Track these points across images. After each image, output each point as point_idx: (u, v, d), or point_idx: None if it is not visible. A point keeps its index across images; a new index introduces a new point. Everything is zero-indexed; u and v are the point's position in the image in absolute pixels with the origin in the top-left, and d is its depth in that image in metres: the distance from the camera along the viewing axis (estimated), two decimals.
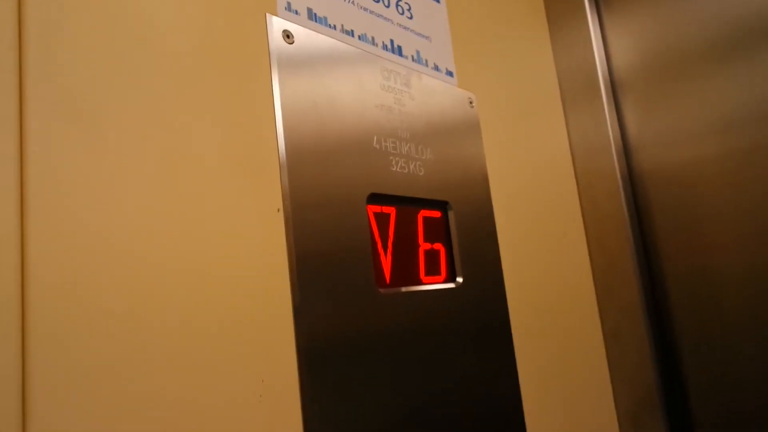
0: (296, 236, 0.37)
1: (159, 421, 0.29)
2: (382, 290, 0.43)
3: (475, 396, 0.48)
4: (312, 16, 0.44)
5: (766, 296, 0.62)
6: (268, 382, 0.34)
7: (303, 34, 0.42)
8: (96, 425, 0.27)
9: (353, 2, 0.48)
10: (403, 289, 0.45)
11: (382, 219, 0.45)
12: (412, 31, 0.54)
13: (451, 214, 0.51)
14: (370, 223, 0.43)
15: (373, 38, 0.49)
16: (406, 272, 0.46)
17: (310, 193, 0.39)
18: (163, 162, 0.32)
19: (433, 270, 0.48)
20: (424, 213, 0.49)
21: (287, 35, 0.41)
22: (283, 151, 0.38)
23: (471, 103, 0.58)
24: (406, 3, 0.54)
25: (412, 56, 0.53)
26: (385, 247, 0.44)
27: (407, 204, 0.47)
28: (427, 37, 0.55)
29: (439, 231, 0.50)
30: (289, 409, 0.35)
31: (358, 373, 0.39)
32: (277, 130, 0.39)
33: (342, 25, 0.46)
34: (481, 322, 0.51)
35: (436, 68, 0.56)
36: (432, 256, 0.48)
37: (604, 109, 0.75)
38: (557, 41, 0.80)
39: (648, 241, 0.73)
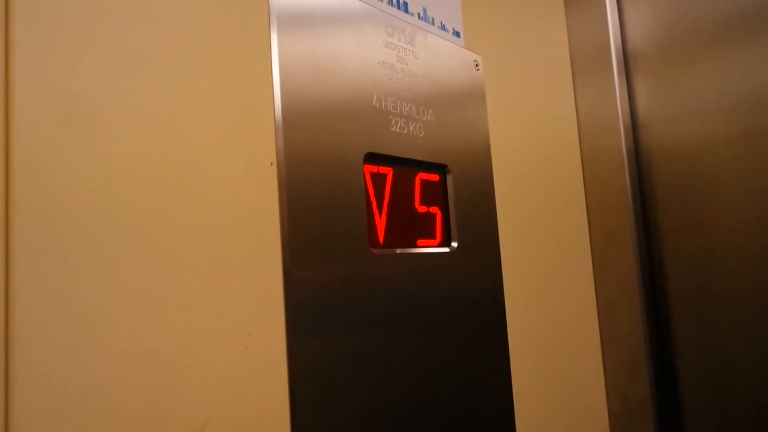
0: (288, 190, 0.37)
1: (142, 367, 0.29)
2: (375, 251, 0.42)
3: (462, 360, 0.48)
4: None
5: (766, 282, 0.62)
6: (255, 336, 0.34)
7: None
8: (89, 372, 0.27)
9: None
10: (397, 250, 0.44)
11: (378, 179, 0.44)
12: None
13: (449, 178, 0.50)
14: (365, 182, 0.43)
15: None
16: (401, 234, 0.45)
17: (305, 148, 0.38)
18: (158, 107, 0.32)
19: (428, 233, 0.48)
20: (422, 175, 0.48)
21: None
22: (279, 103, 0.37)
23: (477, 65, 0.56)
24: None
25: (419, 14, 0.51)
26: (380, 208, 0.44)
27: (405, 165, 0.46)
28: None
29: (436, 194, 0.49)
30: (274, 364, 0.35)
31: (347, 331, 0.39)
32: (273, 82, 0.38)
33: None
34: (474, 288, 0.51)
35: (443, 27, 0.54)
36: (428, 220, 0.48)
37: (614, 82, 0.73)
38: (571, 9, 0.77)
39: (649, 218, 0.72)
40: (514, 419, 0.53)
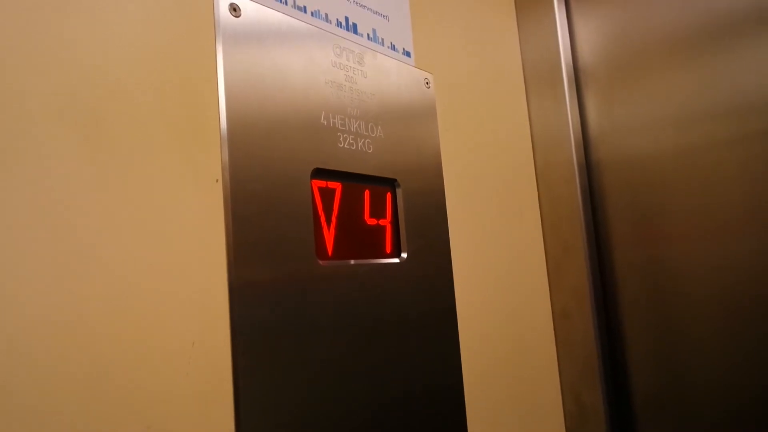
0: (234, 206, 0.38)
1: (88, 376, 0.30)
2: (323, 262, 0.44)
3: (412, 370, 0.50)
4: None
5: (714, 289, 0.65)
6: (198, 346, 0.36)
7: (251, 7, 0.42)
8: (25, 377, 0.28)
9: None
10: (345, 262, 0.46)
11: (326, 194, 0.46)
12: (368, 9, 0.54)
13: (399, 192, 0.52)
14: (313, 197, 0.45)
15: (326, 15, 0.50)
16: (350, 246, 0.47)
17: (251, 164, 0.40)
18: (100, 124, 0.33)
19: (377, 245, 0.50)
20: (371, 189, 0.50)
21: (234, 8, 0.41)
22: (224, 121, 0.39)
23: (427, 83, 0.59)
24: None
25: (368, 34, 0.54)
26: (328, 221, 0.46)
27: (354, 180, 0.48)
28: (384, 16, 0.56)
29: (385, 208, 0.51)
30: (219, 374, 0.36)
31: (295, 342, 0.41)
32: (219, 100, 0.39)
33: (294, 0, 0.47)
34: (425, 297, 0.53)
35: (393, 47, 0.56)
36: (377, 232, 0.50)
37: (565, 98, 0.76)
38: (523, 27, 0.81)
39: (601, 227, 0.75)
40: (466, 426, 0.55)
